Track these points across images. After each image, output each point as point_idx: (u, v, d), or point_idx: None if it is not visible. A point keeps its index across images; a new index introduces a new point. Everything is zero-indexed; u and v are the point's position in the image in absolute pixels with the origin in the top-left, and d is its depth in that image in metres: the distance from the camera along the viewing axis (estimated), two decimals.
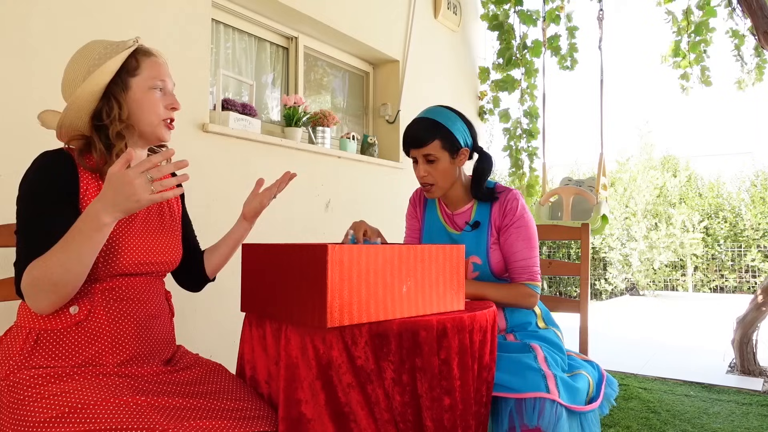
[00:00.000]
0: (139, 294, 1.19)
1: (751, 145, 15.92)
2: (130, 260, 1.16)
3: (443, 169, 1.56)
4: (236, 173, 2.43)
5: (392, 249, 1.16)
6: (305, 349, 1.10)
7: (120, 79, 1.16)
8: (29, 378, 1.05)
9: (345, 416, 1.09)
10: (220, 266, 1.49)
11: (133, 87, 1.18)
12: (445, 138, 1.54)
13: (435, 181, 1.58)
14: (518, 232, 1.57)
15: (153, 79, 1.20)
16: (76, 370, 1.08)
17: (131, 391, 1.07)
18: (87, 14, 1.90)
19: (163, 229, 1.27)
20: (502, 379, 1.32)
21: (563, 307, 2.01)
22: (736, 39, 4.07)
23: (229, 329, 2.25)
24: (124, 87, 1.17)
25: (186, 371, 1.22)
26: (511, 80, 4.23)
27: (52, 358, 1.08)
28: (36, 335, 1.09)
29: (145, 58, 1.20)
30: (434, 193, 1.61)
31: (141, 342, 1.17)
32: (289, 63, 3.06)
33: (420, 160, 1.57)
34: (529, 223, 1.58)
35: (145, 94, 1.19)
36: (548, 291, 9.09)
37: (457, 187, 1.64)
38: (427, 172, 1.57)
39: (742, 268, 9.01)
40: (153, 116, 1.20)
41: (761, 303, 3.33)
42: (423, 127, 1.55)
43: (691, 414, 2.67)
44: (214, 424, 1.03)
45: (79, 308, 1.10)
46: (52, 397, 1.02)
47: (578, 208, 3.87)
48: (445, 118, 1.56)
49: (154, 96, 1.20)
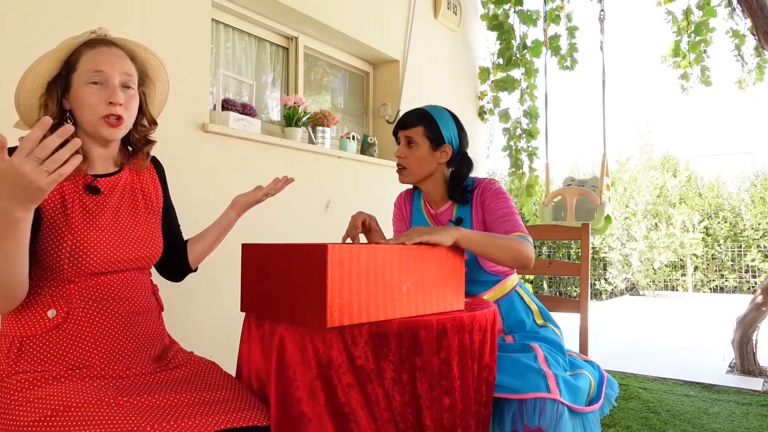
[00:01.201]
0: (120, 291, 1.17)
1: (751, 145, 15.93)
2: (98, 259, 1.12)
3: (419, 156, 1.61)
4: (236, 173, 2.43)
5: (392, 249, 1.16)
6: (305, 349, 1.10)
7: (60, 76, 1.13)
8: (17, 383, 1.04)
9: (345, 416, 1.09)
10: (203, 256, 1.45)
11: (74, 83, 1.13)
12: (429, 127, 1.61)
13: (409, 164, 1.63)
14: (496, 197, 1.59)
15: (88, 72, 1.12)
16: (64, 373, 1.07)
17: (115, 392, 1.05)
18: (86, 14, 1.90)
19: (136, 222, 1.23)
20: (503, 381, 1.31)
21: (563, 307, 2.01)
22: (736, 39, 4.07)
23: (228, 329, 2.25)
24: (65, 85, 1.13)
25: (176, 370, 1.20)
26: (511, 80, 4.23)
27: (38, 362, 1.07)
28: (19, 342, 1.08)
29: (88, 50, 1.13)
30: (406, 178, 1.66)
31: (126, 340, 1.15)
32: (289, 63, 3.06)
33: (402, 142, 1.64)
34: (507, 195, 1.61)
35: (80, 90, 1.12)
36: (548, 291, 9.09)
37: (437, 185, 1.67)
38: (404, 153, 1.63)
39: (742, 268, 9.01)
40: (88, 112, 1.13)
41: (761, 303, 3.33)
42: (414, 111, 1.65)
43: (691, 414, 2.67)
44: (198, 422, 0.99)
45: (56, 311, 1.09)
46: (39, 400, 1.01)
47: (582, 209, 3.87)
48: (436, 112, 1.64)
49: (88, 90, 1.12)
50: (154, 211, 1.31)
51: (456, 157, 1.65)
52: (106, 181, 1.21)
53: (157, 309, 1.30)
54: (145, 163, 1.31)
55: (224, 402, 1.09)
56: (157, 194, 1.34)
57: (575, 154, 19.41)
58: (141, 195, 1.28)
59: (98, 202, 1.18)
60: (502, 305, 1.64)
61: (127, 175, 1.27)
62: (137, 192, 1.27)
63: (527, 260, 1.42)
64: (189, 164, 2.23)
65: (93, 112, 1.13)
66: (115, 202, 1.21)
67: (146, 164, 1.32)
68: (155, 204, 1.32)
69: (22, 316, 1.09)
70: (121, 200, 1.22)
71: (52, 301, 1.09)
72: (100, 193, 1.18)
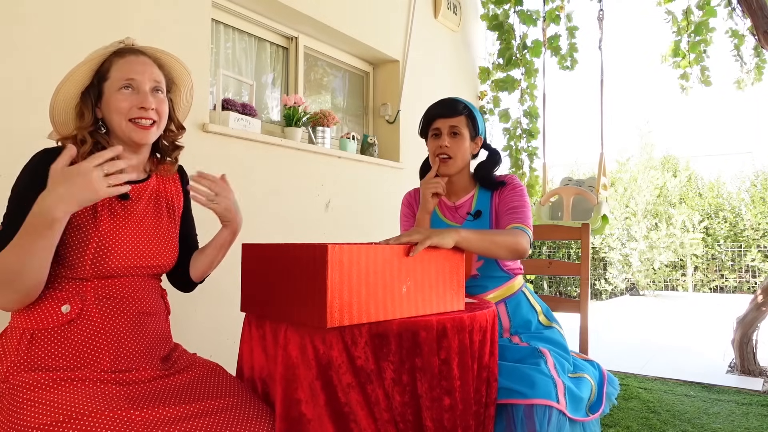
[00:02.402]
0: (133, 293, 1.19)
1: (751, 145, 15.92)
2: (119, 263, 1.15)
3: (463, 146, 1.63)
4: (236, 173, 2.43)
5: (392, 249, 1.16)
6: (305, 349, 1.10)
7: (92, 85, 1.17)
8: (28, 382, 1.05)
9: (345, 416, 1.09)
10: (206, 271, 1.41)
11: (106, 91, 1.17)
12: (470, 117, 1.64)
13: (454, 154, 1.62)
14: (514, 191, 1.61)
15: (120, 80, 1.17)
16: (75, 373, 1.08)
17: (127, 402, 1.06)
18: (86, 14, 1.90)
19: (158, 230, 1.26)
20: (514, 386, 1.31)
21: (563, 307, 2.01)
22: (736, 39, 4.06)
23: (228, 329, 2.25)
24: (97, 93, 1.17)
25: (183, 373, 1.21)
26: (511, 80, 4.23)
27: (49, 357, 1.08)
28: (30, 335, 1.09)
29: (118, 59, 1.18)
30: (450, 168, 1.64)
31: (137, 339, 1.17)
32: (289, 63, 3.06)
33: (445, 131, 1.62)
34: (524, 191, 1.63)
35: (112, 96, 1.17)
36: (548, 291, 9.09)
37: (464, 175, 1.69)
38: (450, 144, 1.62)
39: (742, 268, 9.01)
40: (119, 118, 1.17)
41: (761, 303, 3.33)
42: (455, 100, 1.65)
43: (691, 414, 2.67)
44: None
45: (70, 307, 1.11)
46: (49, 404, 1.02)
47: (579, 208, 3.87)
48: (471, 104, 1.67)
49: (120, 96, 1.16)
50: (175, 220, 1.33)
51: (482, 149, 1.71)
52: (136, 188, 1.24)
53: (165, 312, 1.31)
54: (174, 167, 1.34)
55: (231, 409, 1.10)
56: (179, 202, 1.36)
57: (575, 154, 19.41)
58: (165, 203, 1.30)
59: (126, 207, 1.20)
60: (509, 305, 1.64)
61: (155, 182, 1.30)
62: (162, 200, 1.30)
63: (523, 251, 1.48)
64: (189, 164, 2.21)
65: (124, 116, 1.17)
66: (142, 208, 1.23)
67: (174, 169, 1.35)
68: (176, 212, 1.34)
69: (36, 310, 1.11)
70: (147, 207, 1.25)
71: (67, 296, 1.11)
72: (128, 199, 1.21)
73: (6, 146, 1.67)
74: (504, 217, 1.58)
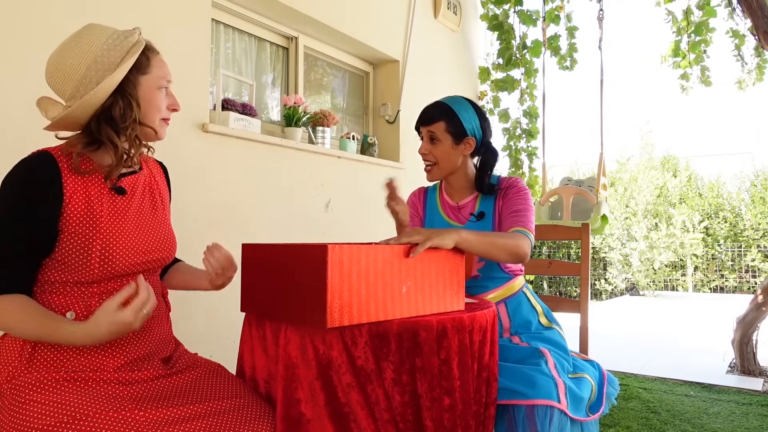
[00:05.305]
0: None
1: (751, 145, 15.92)
2: (126, 261, 1.14)
3: (444, 151, 1.62)
4: (236, 173, 2.43)
5: (392, 249, 1.16)
6: (305, 349, 1.10)
7: (131, 75, 1.12)
8: (32, 382, 1.05)
9: (345, 416, 1.09)
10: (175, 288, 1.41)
11: (143, 85, 1.16)
12: (450, 122, 1.61)
13: (435, 160, 1.64)
14: (518, 194, 1.60)
15: (161, 79, 1.18)
16: (78, 374, 1.08)
17: (130, 402, 1.06)
18: (86, 14, 1.90)
19: (157, 222, 1.24)
20: (515, 387, 1.31)
21: (563, 307, 2.01)
22: (736, 39, 4.07)
23: (228, 329, 2.25)
24: (136, 84, 1.14)
25: (185, 373, 1.21)
26: (511, 80, 4.23)
27: (52, 362, 1.08)
28: (33, 342, 1.08)
29: (154, 55, 1.18)
30: (434, 174, 1.66)
31: (140, 343, 1.16)
32: (289, 63, 3.06)
33: (425, 138, 1.65)
34: (529, 194, 1.62)
35: (153, 93, 1.18)
36: (548, 291, 9.09)
37: (461, 177, 1.68)
38: (428, 150, 1.64)
39: (742, 268, 9.01)
40: (156, 115, 1.19)
41: (761, 303, 3.33)
42: (434, 106, 1.64)
43: (691, 414, 2.67)
44: None
45: (75, 314, 1.10)
46: (53, 405, 1.01)
47: (578, 208, 3.87)
48: (456, 104, 1.63)
49: (159, 95, 1.19)
50: (166, 208, 1.33)
51: (480, 148, 1.67)
52: (129, 180, 1.22)
53: (166, 311, 1.31)
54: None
55: (234, 411, 1.10)
56: (167, 193, 1.36)
57: (575, 154, 19.43)
58: (158, 194, 1.29)
59: (123, 202, 1.18)
60: (509, 305, 1.64)
61: (146, 174, 1.29)
62: (154, 191, 1.29)
63: (523, 255, 1.46)
64: (189, 164, 2.23)
65: (160, 114, 1.21)
66: (138, 201, 1.22)
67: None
68: (167, 203, 1.34)
69: None
70: (143, 200, 1.24)
71: (71, 302, 1.10)
72: (125, 194, 1.19)
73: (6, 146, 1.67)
74: (506, 220, 1.57)
